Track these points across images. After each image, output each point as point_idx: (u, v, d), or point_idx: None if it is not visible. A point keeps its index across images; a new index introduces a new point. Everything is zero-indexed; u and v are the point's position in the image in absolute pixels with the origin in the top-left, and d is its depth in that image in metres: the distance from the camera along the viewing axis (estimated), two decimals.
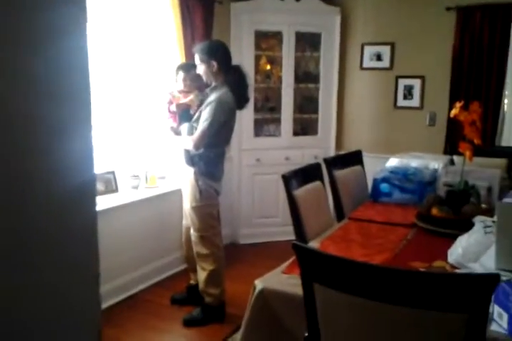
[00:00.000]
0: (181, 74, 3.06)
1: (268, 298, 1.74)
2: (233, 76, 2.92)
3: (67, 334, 0.56)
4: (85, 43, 0.56)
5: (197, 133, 2.84)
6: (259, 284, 1.78)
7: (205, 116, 2.82)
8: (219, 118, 2.82)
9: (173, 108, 3.01)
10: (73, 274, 0.55)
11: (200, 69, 2.92)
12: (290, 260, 1.98)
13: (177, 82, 3.10)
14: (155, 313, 3.13)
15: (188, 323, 3.00)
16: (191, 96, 3.01)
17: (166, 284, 3.56)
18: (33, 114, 0.51)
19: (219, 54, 2.90)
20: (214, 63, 2.87)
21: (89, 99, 0.57)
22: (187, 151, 2.93)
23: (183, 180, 3.03)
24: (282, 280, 1.82)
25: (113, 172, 3.33)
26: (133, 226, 3.35)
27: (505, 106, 4.05)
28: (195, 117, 2.92)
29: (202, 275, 3.02)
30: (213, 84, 2.94)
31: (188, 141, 2.88)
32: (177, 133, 3.04)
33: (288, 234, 3.71)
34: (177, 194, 3.53)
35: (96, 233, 0.56)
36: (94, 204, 0.57)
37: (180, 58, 3.53)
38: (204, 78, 2.96)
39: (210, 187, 2.95)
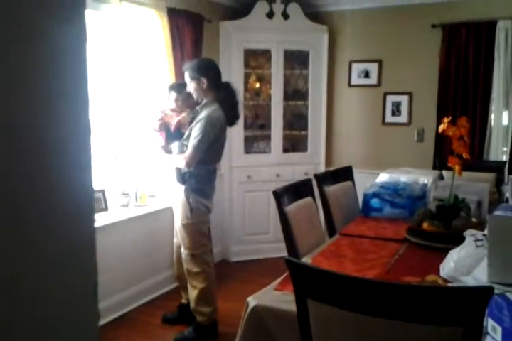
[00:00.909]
0: (173, 94, 3.08)
1: (261, 315, 1.73)
2: (223, 93, 2.94)
3: None
4: (85, 64, 0.57)
5: (188, 150, 2.84)
6: (251, 301, 1.77)
7: (195, 133, 2.83)
8: (209, 135, 2.83)
9: (158, 127, 3.02)
10: (71, 284, 0.55)
11: (191, 86, 2.94)
12: (282, 276, 1.97)
13: (169, 101, 3.12)
14: (146, 333, 3.08)
15: None
16: (183, 114, 3.03)
17: (157, 303, 3.51)
18: (31, 131, 0.52)
19: (208, 71, 2.93)
20: (204, 80, 2.89)
21: (88, 118, 0.58)
22: (178, 169, 2.93)
23: (174, 198, 3.02)
24: (275, 297, 1.80)
25: (103, 191, 3.31)
26: (123, 244, 3.32)
27: (492, 122, 4.10)
28: (185, 135, 2.93)
29: (193, 294, 2.99)
30: (204, 101, 2.96)
31: (179, 159, 2.88)
32: (167, 151, 3.04)
33: (279, 250, 3.70)
34: (167, 212, 3.51)
35: (94, 243, 0.56)
36: (92, 214, 0.58)
37: (171, 77, 3.55)
38: (194, 95, 2.97)
39: (201, 204, 2.94)
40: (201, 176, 2.92)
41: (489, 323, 1.47)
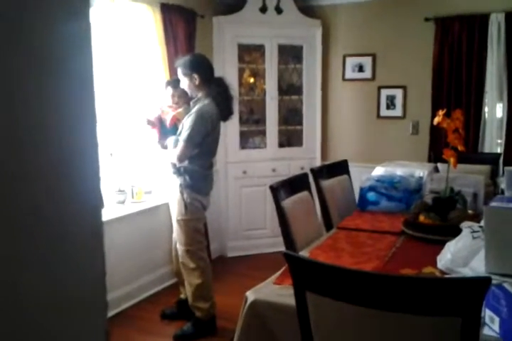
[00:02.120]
0: (170, 89, 3.08)
1: (260, 309, 1.73)
2: (216, 88, 2.93)
3: (74, 335, 0.56)
4: (91, 61, 0.57)
5: (178, 145, 2.84)
6: (250, 296, 1.77)
7: (185, 127, 2.84)
8: (199, 130, 2.82)
9: (147, 122, 3.02)
10: (81, 273, 0.56)
11: (184, 83, 2.94)
12: (281, 270, 1.98)
13: (165, 97, 3.12)
14: (145, 329, 3.08)
15: (179, 338, 2.96)
16: (180, 110, 3.02)
17: (155, 299, 3.52)
18: (40, 126, 0.52)
19: (200, 67, 2.93)
20: (196, 76, 2.89)
21: (94, 115, 0.58)
22: (173, 163, 2.93)
23: (171, 193, 3.01)
24: (274, 290, 1.81)
25: None
26: (120, 241, 3.32)
27: (486, 114, 4.12)
28: (179, 130, 2.93)
29: (189, 290, 3.00)
30: (196, 97, 2.96)
31: (172, 154, 2.88)
32: (163, 146, 3.04)
33: (276, 245, 3.71)
34: (164, 208, 3.51)
35: (102, 235, 0.57)
36: (100, 207, 0.59)
37: (164, 72, 3.54)
38: (188, 92, 2.97)
39: (195, 200, 2.94)
40: (194, 171, 2.92)
41: (487, 314, 1.48)
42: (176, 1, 3.68)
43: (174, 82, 3.10)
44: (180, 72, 2.93)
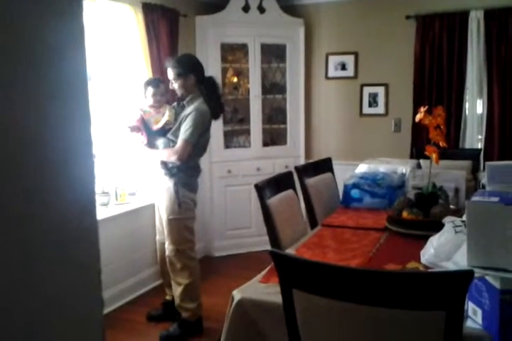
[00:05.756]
0: (151, 89, 3.04)
1: (247, 308, 1.73)
2: (208, 87, 2.96)
3: (70, 333, 0.56)
4: (84, 63, 0.57)
5: (179, 144, 2.83)
6: (237, 295, 1.77)
7: (186, 126, 2.83)
8: (200, 128, 2.85)
9: (131, 129, 2.99)
10: (76, 270, 0.57)
11: (177, 83, 2.91)
12: (266, 269, 1.98)
13: (146, 97, 3.08)
14: (131, 331, 3.06)
15: (166, 340, 2.95)
16: (167, 113, 2.99)
17: (141, 301, 3.50)
18: (30, 126, 0.53)
19: (196, 67, 2.97)
20: (192, 76, 2.91)
21: (89, 117, 0.59)
22: (164, 163, 2.92)
23: (159, 193, 2.99)
24: (260, 289, 1.81)
25: None
26: (105, 243, 3.25)
27: (467, 110, 4.17)
28: (173, 129, 2.92)
29: (177, 290, 2.99)
30: (189, 96, 2.95)
31: (169, 153, 2.87)
32: (151, 146, 3.00)
33: (262, 244, 3.71)
34: (149, 209, 3.50)
35: (97, 233, 0.58)
36: (94, 207, 0.60)
37: (147, 72, 3.52)
38: (180, 92, 2.94)
39: (189, 198, 2.95)
40: (190, 169, 2.94)
41: (470, 306, 1.50)
42: (158, 1, 3.66)
43: (154, 82, 3.08)
44: (174, 72, 2.90)
